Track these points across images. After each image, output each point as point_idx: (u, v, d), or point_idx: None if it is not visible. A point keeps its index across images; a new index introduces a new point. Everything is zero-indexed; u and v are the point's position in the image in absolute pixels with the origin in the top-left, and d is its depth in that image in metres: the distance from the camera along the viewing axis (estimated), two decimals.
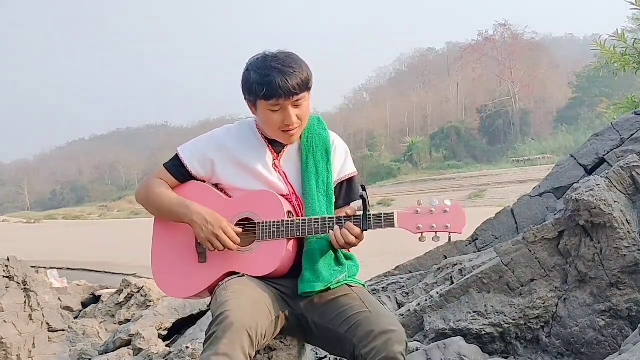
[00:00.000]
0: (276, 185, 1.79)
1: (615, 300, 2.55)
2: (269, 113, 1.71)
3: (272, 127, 1.74)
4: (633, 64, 4.70)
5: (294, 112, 1.71)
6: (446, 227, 1.62)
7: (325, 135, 1.87)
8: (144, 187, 1.86)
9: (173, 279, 1.82)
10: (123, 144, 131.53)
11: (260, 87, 1.67)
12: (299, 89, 1.68)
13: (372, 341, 1.53)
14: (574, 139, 43.29)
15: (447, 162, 55.55)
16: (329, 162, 1.84)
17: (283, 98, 1.67)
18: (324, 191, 1.81)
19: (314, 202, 1.77)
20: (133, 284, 6.91)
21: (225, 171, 1.81)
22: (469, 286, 2.93)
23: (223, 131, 1.89)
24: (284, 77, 1.65)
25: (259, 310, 1.56)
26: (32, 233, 35.97)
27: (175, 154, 1.86)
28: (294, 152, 1.85)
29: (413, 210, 1.64)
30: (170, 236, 1.83)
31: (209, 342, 1.47)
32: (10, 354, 3.61)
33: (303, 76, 1.69)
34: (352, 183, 1.91)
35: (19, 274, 3.88)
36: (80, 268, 15.84)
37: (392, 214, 1.64)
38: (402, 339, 1.54)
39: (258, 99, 1.71)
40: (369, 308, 1.63)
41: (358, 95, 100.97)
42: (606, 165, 3.32)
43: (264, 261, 1.70)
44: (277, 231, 1.69)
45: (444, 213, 1.63)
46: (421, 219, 1.63)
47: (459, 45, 77.42)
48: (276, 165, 1.82)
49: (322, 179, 1.81)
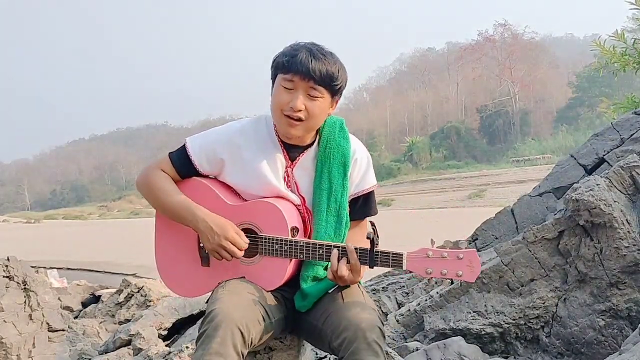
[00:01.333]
0: (286, 195, 1.70)
1: (615, 300, 2.55)
2: (280, 89, 1.62)
3: (277, 107, 1.63)
4: (633, 64, 4.70)
5: (305, 101, 1.60)
6: (458, 275, 1.53)
7: (345, 146, 1.73)
8: (145, 178, 1.76)
9: (176, 277, 1.80)
10: (123, 143, 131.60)
11: (284, 58, 1.60)
12: (319, 76, 1.58)
13: (343, 332, 1.49)
14: (574, 139, 43.28)
15: (447, 162, 55.54)
16: (345, 178, 1.72)
17: (299, 76, 1.57)
18: (335, 211, 1.71)
19: (322, 222, 1.69)
20: (133, 283, 6.90)
21: (234, 173, 1.72)
22: (469, 286, 2.92)
23: (237, 127, 1.76)
24: (310, 56, 1.58)
25: (253, 310, 1.53)
26: (32, 233, 35.95)
27: (183, 144, 1.75)
28: (309, 161, 1.74)
29: (424, 253, 1.55)
30: (173, 233, 1.79)
31: (200, 340, 1.44)
32: (10, 354, 3.61)
33: (331, 69, 1.60)
34: (369, 197, 1.80)
35: (19, 274, 3.88)
36: (80, 268, 15.84)
37: (401, 256, 1.55)
38: (372, 325, 1.49)
39: (278, 73, 1.63)
40: (343, 299, 1.60)
41: (358, 95, 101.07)
42: (606, 165, 3.32)
43: (267, 277, 1.66)
44: (280, 250, 1.62)
45: (458, 259, 1.54)
46: (431, 264, 1.54)
47: (459, 45, 77.50)
48: (288, 175, 1.72)
49: (334, 197, 1.70)
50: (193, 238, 1.74)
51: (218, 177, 1.77)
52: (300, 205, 1.72)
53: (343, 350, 1.48)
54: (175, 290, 1.84)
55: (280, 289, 1.70)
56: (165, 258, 1.81)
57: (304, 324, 1.70)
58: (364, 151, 1.81)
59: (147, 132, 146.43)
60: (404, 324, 3.12)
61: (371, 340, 1.46)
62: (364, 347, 1.46)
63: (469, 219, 2.81)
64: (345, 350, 1.47)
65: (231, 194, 1.76)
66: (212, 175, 1.77)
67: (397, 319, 3.16)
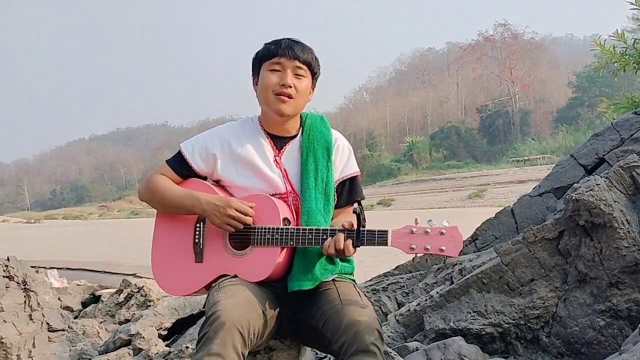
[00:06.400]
0: (275, 183, 1.78)
1: (615, 300, 2.55)
2: (268, 74, 1.76)
3: (267, 88, 1.76)
4: (633, 64, 4.70)
5: (293, 79, 1.75)
6: (441, 250, 1.57)
7: (327, 134, 1.87)
8: (146, 184, 1.86)
9: (170, 276, 1.83)
10: (123, 143, 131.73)
11: (267, 47, 1.78)
12: (302, 58, 1.76)
13: (342, 335, 1.51)
14: (574, 139, 43.33)
15: (447, 162, 55.59)
16: (329, 161, 1.83)
17: (285, 57, 1.74)
18: (323, 189, 1.80)
19: (311, 200, 1.76)
20: (133, 284, 6.89)
21: (226, 167, 1.82)
22: (469, 286, 2.92)
23: (225, 127, 1.90)
24: (292, 42, 1.77)
25: (251, 309, 1.55)
26: (32, 233, 35.94)
27: (178, 150, 1.87)
28: (296, 149, 1.85)
29: (408, 229, 1.60)
30: (169, 234, 1.84)
31: (201, 342, 1.46)
32: (10, 354, 3.61)
33: (311, 54, 1.79)
34: (354, 183, 1.89)
35: (19, 274, 3.88)
36: (80, 268, 15.81)
37: (386, 233, 1.60)
38: (371, 328, 1.51)
39: (263, 62, 1.78)
40: (341, 301, 1.62)
41: (358, 95, 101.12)
42: (606, 165, 3.32)
43: (257, 268, 1.69)
44: (272, 238, 1.68)
45: (440, 235, 1.58)
46: (415, 239, 1.59)
47: (459, 45, 77.56)
48: (277, 162, 1.82)
49: (321, 177, 1.80)
50: (189, 236, 1.79)
51: (213, 176, 1.86)
52: (288, 192, 1.80)
53: (342, 353, 1.50)
54: (168, 290, 1.87)
55: (273, 285, 1.72)
56: (160, 259, 1.85)
57: (302, 326, 1.71)
58: (345, 140, 1.94)
59: (147, 132, 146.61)
60: (404, 324, 3.12)
61: (369, 343, 1.48)
62: (363, 349, 1.48)
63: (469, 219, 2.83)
64: (345, 353, 1.49)
65: (227, 193, 1.83)
66: (208, 174, 1.86)
67: (397, 319, 3.16)
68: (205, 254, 1.76)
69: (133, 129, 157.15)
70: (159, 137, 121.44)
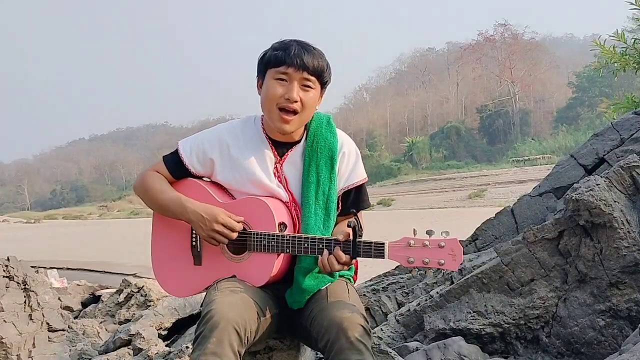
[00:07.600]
0: (275, 192, 1.72)
1: (615, 300, 2.55)
2: (273, 83, 1.65)
3: (271, 101, 1.65)
4: (633, 64, 4.70)
5: (299, 92, 1.64)
6: (439, 264, 1.51)
7: (332, 140, 1.76)
8: (141, 182, 1.81)
9: (170, 276, 1.82)
10: (123, 143, 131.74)
11: (275, 53, 1.65)
12: (312, 68, 1.64)
13: (326, 333, 1.50)
14: (574, 139, 43.33)
15: (447, 162, 55.62)
16: (332, 171, 1.74)
17: (293, 67, 1.62)
18: (323, 203, 1.72)
19: (310, 215, 1.70)
20: (133, 283, 6.89)
21: (224, 172, 1.76)
22: (469, 286, 2.92)
23: (226, 127, 1.81)
24: (302, 49, 1.64)
25: (248, 308, 1.54)
26: (32, 233, 35.93)
27: (176, 149, 1.81)
28: (298, 156, 1.76)
29: (405, 242, 1.53)
30: (168, 233, 1.82)
31: (197, 341, 1.45)
32: (10, 354, 3.61)
33: (321, 62, 1.67)
34: (360, 191, 1.82)
35: (19, 274, 3.88)
36: (80, 268, 15.79)
37: (383, 245, 1.54)
38: (354, 324, 1.48)
39: (269, 68, 1.66)
40: (328, 299, 1.61)
41: (358, 95, 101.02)
42: (606, 165, 3.32)
43: (255, 274, 1.67)
44: (268, 245, 1.64)
45: (439, 248, 1.51)
46: (413, 252, 1.52)
47: (459, 45, 77.54)
48: (277, 170, 1.75)
49: (322, 190, 1.72)
50: (186, 238, 1.77)
51: (211, 178, 1.81)
52: (289, 201, 1.74)
53: (327, 351, 1.49)
54: (170, 291, 1.86)
55: (272, 287, 1.71)
56: (160, 259, 1.84)
57: (297, 325, 1.71)
58: (352, 145, 1.83)
59: (147, 132, 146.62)
60: (404, 324, 3.12)
61: (353, 339, 1.46)
62: (347, 346, 1.46)
63: (469, 219, 2.81)
64: (329, 351, 1.48)
65: (223, 193, 1.79)
66: (205, 175, 1.81)
67: (397, 319, 3.16)
68: (204, 257, 1.74)
69: (133, 129, 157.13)
70: (159, 137, 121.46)
